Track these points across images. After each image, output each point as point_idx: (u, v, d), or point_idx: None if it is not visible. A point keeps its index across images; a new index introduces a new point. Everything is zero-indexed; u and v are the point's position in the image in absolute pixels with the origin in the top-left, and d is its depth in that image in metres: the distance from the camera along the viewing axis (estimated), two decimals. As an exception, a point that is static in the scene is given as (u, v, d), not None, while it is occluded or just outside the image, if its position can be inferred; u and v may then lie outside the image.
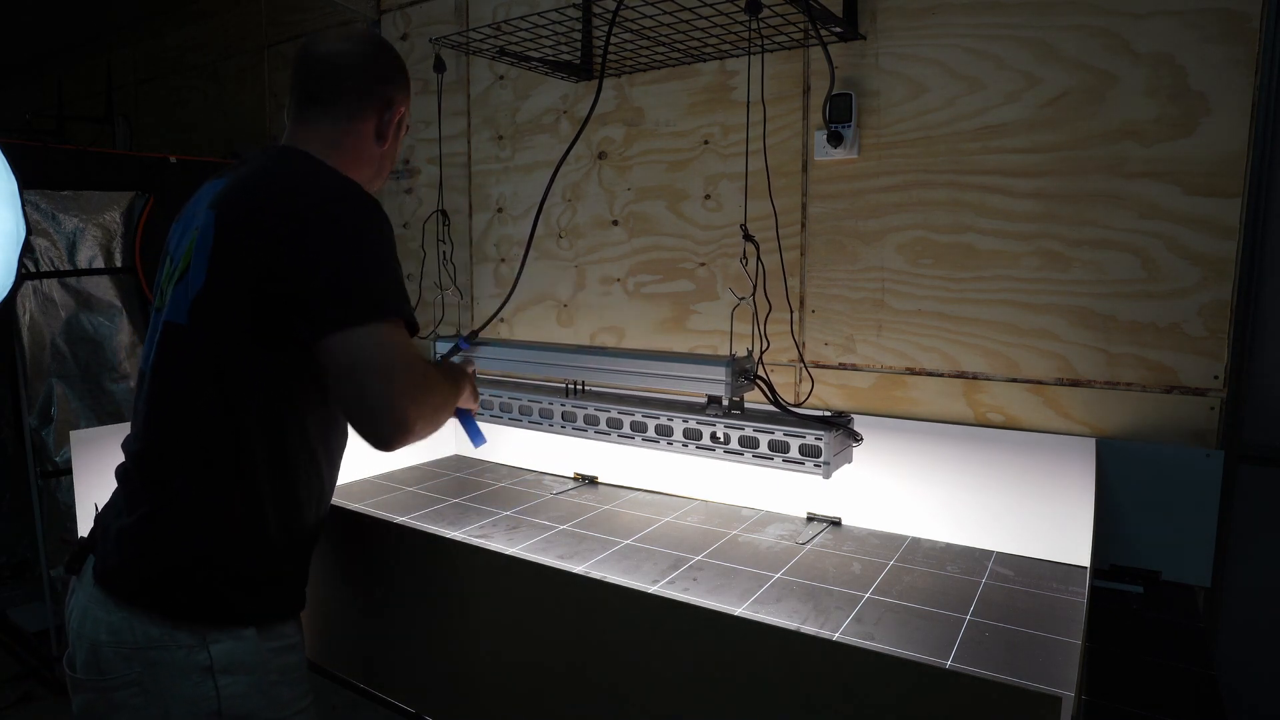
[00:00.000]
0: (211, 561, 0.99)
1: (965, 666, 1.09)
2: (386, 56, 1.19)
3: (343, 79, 1.14)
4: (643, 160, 2.04)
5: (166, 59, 3.63)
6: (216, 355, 0.99)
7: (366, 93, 1.15)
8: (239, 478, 1.00)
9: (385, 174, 1.26)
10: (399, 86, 1.19)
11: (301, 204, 0.99)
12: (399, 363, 0.94)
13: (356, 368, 0.93)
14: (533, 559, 1.13)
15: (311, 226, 0.97)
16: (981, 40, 1.57)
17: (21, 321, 2.32)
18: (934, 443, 1.62)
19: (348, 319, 0.94)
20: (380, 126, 1.18)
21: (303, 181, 1.03)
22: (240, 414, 0.99)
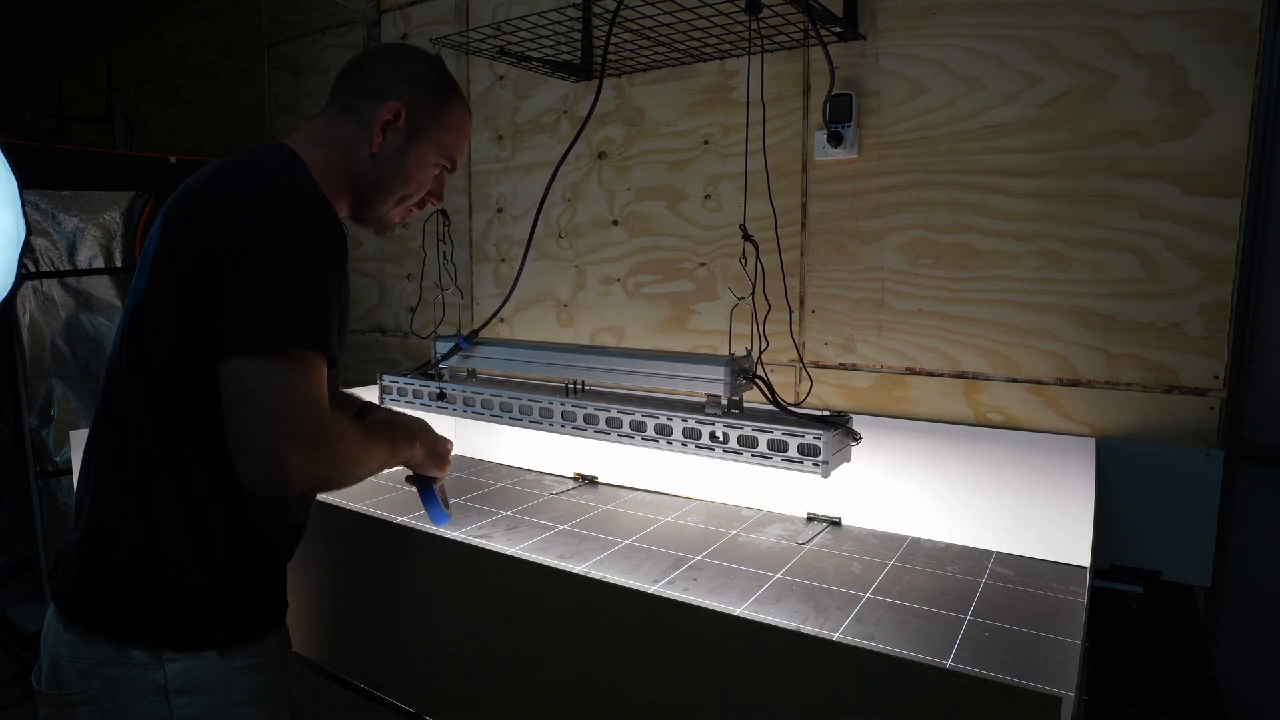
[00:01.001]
0: (159, 585, 0.93)
1: (965, 666, 1.09)
2: (404, 57, 1.10)
3: (350, 76, 1.09)
4: (643, 160, 2.04)
5: (166, 59, 3.63)
6: (152, 365, 0.93)
7: (362, 86, 1.08)
8: (181, 498, 0.93)
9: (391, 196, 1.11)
10: (401, 84, 1.07)
11: (229, 211, 0.91)
12: (286, 402, 0.85)
13: (237, 400, 0.85)
14: (533, 559, 1.13)
15: (230, 236, 0.89)
16: (981, 40, 1.57)
17: (21, 321, 2.32)
18: (934, 443, 1.62)
19: (241, 346, 0.85)
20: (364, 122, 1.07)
21: (241, 184, 0.94)
22: (177, 432, 0.93)
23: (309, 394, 0.87)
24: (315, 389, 0.88)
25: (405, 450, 1.14)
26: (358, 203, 1.11)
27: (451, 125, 1.12)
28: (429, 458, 1.19)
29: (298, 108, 2.94)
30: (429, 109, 1.09)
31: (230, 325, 0.86)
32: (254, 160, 0.98)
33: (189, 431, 0.93)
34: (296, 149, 1.03)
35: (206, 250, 0.89)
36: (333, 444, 0.89)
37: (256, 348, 0.85)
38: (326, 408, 0.89)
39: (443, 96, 1.11)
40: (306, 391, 0.86)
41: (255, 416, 0.84)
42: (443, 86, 1.11)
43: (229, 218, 0.90)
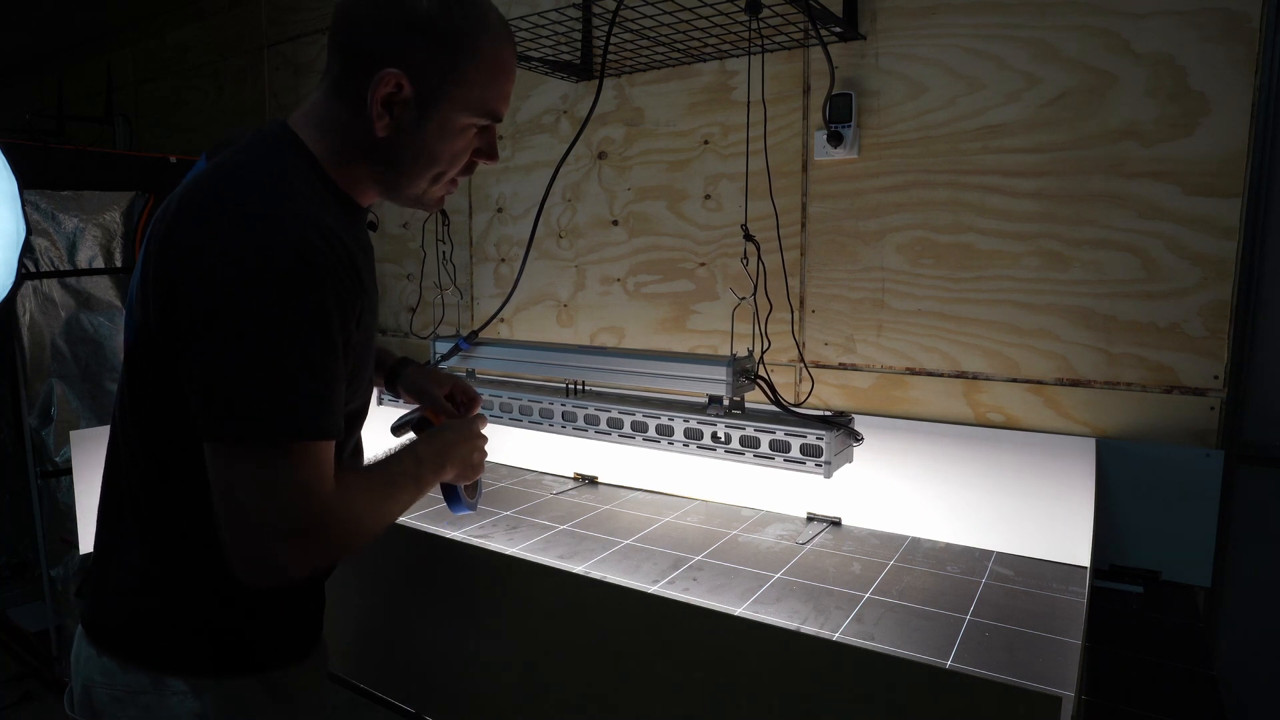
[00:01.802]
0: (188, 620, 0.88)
1: (965, 666, 1.09)
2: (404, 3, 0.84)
3: (334, 31, 0.88)
4: (643, 160, 2.04)
5: (166, 59, 3.62)
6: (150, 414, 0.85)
7: (349, 49, 0.86)
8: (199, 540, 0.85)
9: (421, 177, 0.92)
10: (397, 39, 0.84)
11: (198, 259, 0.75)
12: (272, 499, 0.74)
13: (219, 492, 0.75)
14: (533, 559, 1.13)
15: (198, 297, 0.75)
16: (981, 40, 1.57)
17: (21, 321, 2.32)
18: (934, 443, 1.62)
19: (215, 433, 0.74)
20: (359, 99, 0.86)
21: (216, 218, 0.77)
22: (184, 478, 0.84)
23: (300, 486, 0.75)
24: (308, 478, 0.75)
25: (434, 482, 0.99)
26: (384, 187, 0.94)
27: (480, 75, 0.87)
28: (463, 473, 1.04)
29: (298, 108, 2.93)
30: (442, 63, 0.85)
31: (203, 408, 0.75)
32: (239, 171, 0.82)
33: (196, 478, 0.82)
34: (301, 132, 0.89)
35: (175, 306, 0.77)
36: (332, 533, 0.78)
37: (231, 437, 0.74)
38: (325, 494, 0.77)
39: (460, 41, 0.85)
40: (296, 484, 0.75)
41: (238, 513, 0.74)
42: (458, 26, 0.85)
43: (198, 269, 0.75)
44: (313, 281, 0.76)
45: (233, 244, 0.75)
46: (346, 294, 0.80)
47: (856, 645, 1.01)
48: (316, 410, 0.76)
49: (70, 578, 2.40)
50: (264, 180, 0.81)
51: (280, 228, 0.76)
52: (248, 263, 0.74)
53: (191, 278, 0.75)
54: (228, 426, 0.74)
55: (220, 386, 0.74)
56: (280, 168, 0.84)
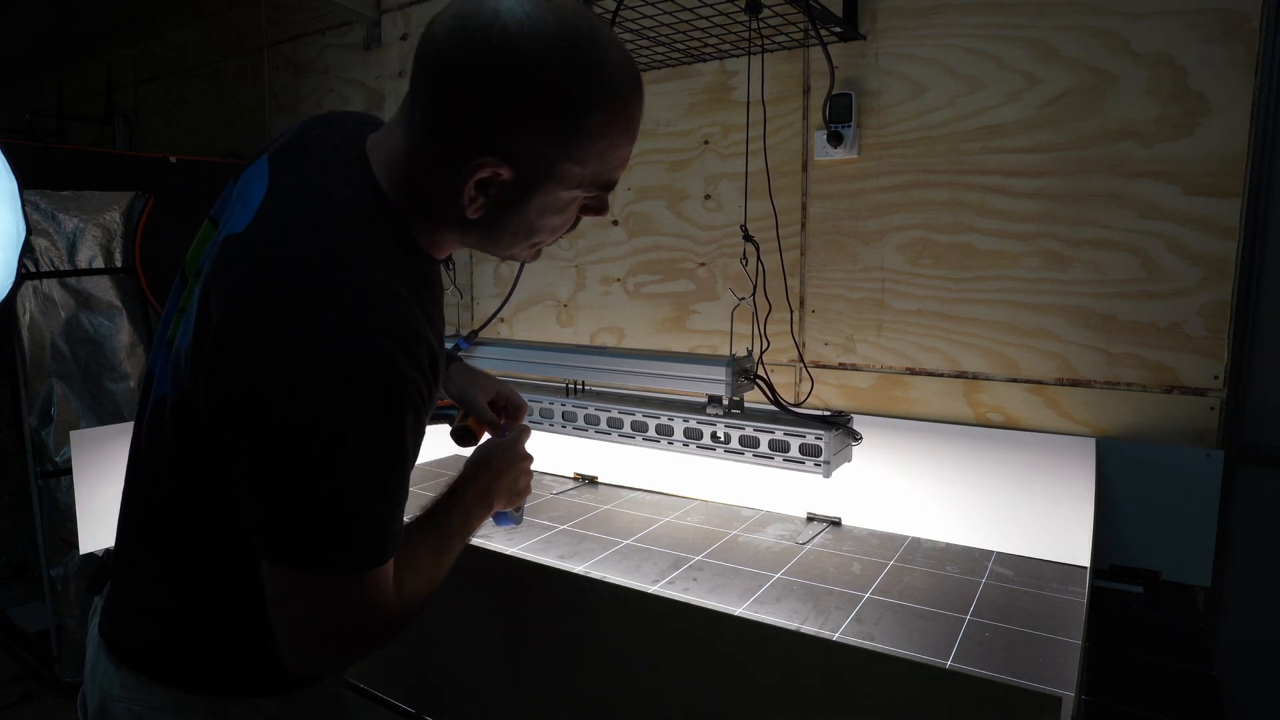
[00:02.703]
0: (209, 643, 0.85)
1: (965, 666, 1.09)
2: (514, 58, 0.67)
3: (422, 71, 0.71)
4: (643, 160, 2.04)
5: (166, 59, 3.62)
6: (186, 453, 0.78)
7: (440, 112, 0.71)
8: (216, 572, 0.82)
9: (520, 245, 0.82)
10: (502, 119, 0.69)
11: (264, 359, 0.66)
12: (333, 620, 0.71)
13: (276, 605, 0.71)
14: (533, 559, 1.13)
15: (272, 407, 0.66)
16: (981, 40, 1.57)
17: (21, 321, 2.32)
18: (934, 443, 1.62)
19: (274, 554, 0.70)
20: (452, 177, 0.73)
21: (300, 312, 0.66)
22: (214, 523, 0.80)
23: (361, 609, 0.71)
24: (370, 602, 0.71)
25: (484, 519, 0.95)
26: (475, 248, 0.85)
27: (598, 147, 0.73)
28: (510, 501, 1.00)
29: (298, 108, 2.94)
30: (551, 141, 0.71)
31: (261, 524, 0.69)
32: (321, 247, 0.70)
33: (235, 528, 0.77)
34: (382, 178, 0.76)
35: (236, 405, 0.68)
36: (392, 634, 0.75)
37: (292, 563, 0.69)
38: (384, 607, 0.73)
39: (576, 117, 0.70)
40: (357, 608, 0.71)
41: (296, 626, 0.71)
42: (574, 99, 0.70)
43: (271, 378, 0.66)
44: (394, 408, 0.69)
45: (313, 360, 0.65)
46: (425, 402, 0.73)
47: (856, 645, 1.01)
48: (383, 535, 0.72)
49: (70, 577, 2.40)
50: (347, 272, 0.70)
51: (366, 348, 0.67)
52: (327, 386, 0.65)
53: (263, 385, 0.66)
54: (287, 552, 0.69)
55: (282, 510, 0.68)
56: (365, 241, 0.73)
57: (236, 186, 0.84)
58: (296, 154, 0.80)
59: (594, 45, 0.70)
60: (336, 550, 0.69)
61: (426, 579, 0.82)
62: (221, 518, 0.78)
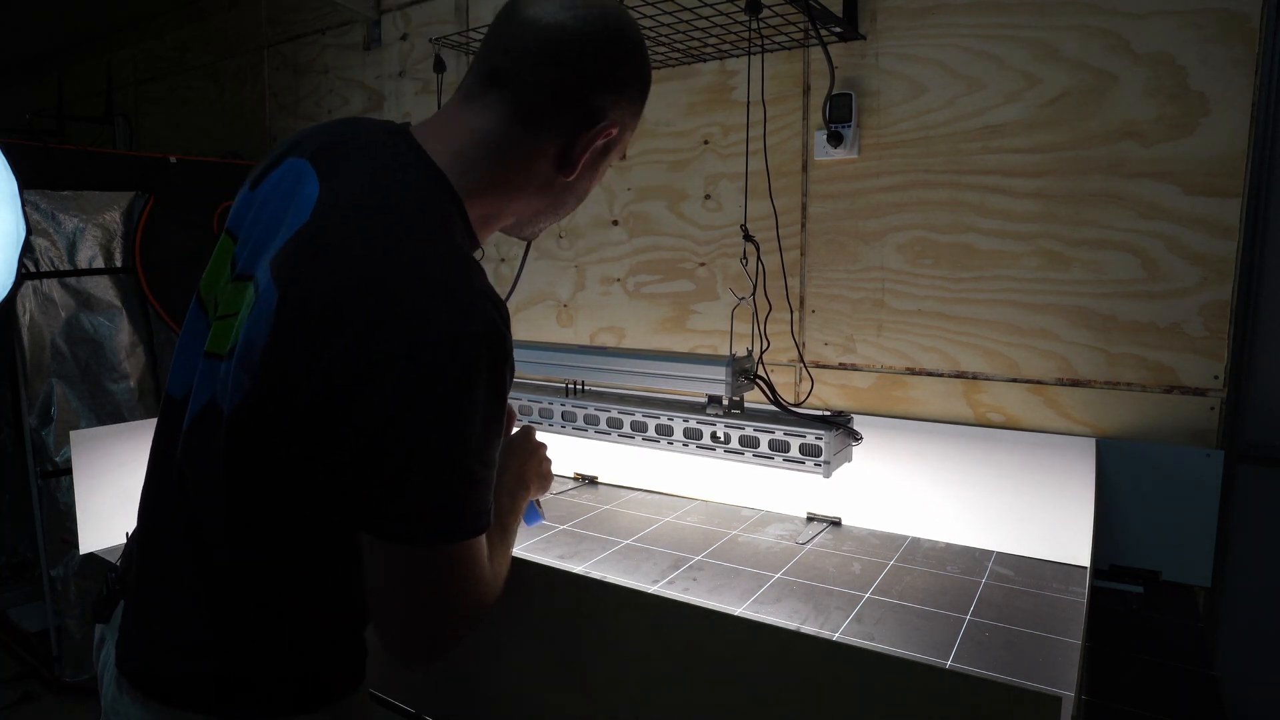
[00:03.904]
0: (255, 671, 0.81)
1: (965, 666, 1.09)
2: (622, 51, 0.83)
3: (545, 58, 0.80)
4: (643, 160, 2.04)
5: (166, 59, 3.62)
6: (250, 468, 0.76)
7: (562, 86, 0.80)
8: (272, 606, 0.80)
9: (565, 210, 0.92)
10: (620, 94, 0.83)
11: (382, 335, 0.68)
12: (447, 595, 0.74)
13: (390, 588, 0.74)
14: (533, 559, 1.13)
15: (379, 385, 0.68)
16: (981, 40, 1.57)
17: (21, 321, 2.32)
18: (934, 443, 1.62)
19: (397, 535, 0.71)
20: (568, 148, 0.83)
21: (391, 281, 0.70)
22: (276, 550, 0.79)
23: (473, 580, 0.75)
24: (479, 571, 0.76)
25: (524, 506, 1.02)
26: (521, 222, 0.91)
27: (636, 122, 0.91)
28: (539, 488, 1.07)
29: (298, 108, 2.94)
30: (630, 115, 0.87)
31: (381, 505, 0.71)
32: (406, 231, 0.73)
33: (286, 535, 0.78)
34: (450, 169, 0.79)
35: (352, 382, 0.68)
36: (488, 609, 0.80)
37: (427, 539, 0.71)
38: (487, 579, 0.77)
39: (645, 95, 0.88)
40: (471, 579, 0.75)
41: (412, 608, 0.74)
42: (648, 81, 0.88)
43: (383, 354, 0.68)
44: (506, 365, 0.72)
45: (425, 344, 0.68)
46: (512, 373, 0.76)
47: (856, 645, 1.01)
48: (490, 499, 0.75)
49: (70, 577, 2.40)
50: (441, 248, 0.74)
51: (476, 309, 0.70)
52: (445, 361, 0.68)
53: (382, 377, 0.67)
54: (416, 530, 0.71)
55: (410, 487, 0.70)
56: (444, 216, 0.77)
57: (259, 195, 0.84)
58: (341, 151, 0.81)
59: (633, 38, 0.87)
60: (458, 523, 0.71)
61: (502, 558, 0.84)
62: (285, 524, 0.77)
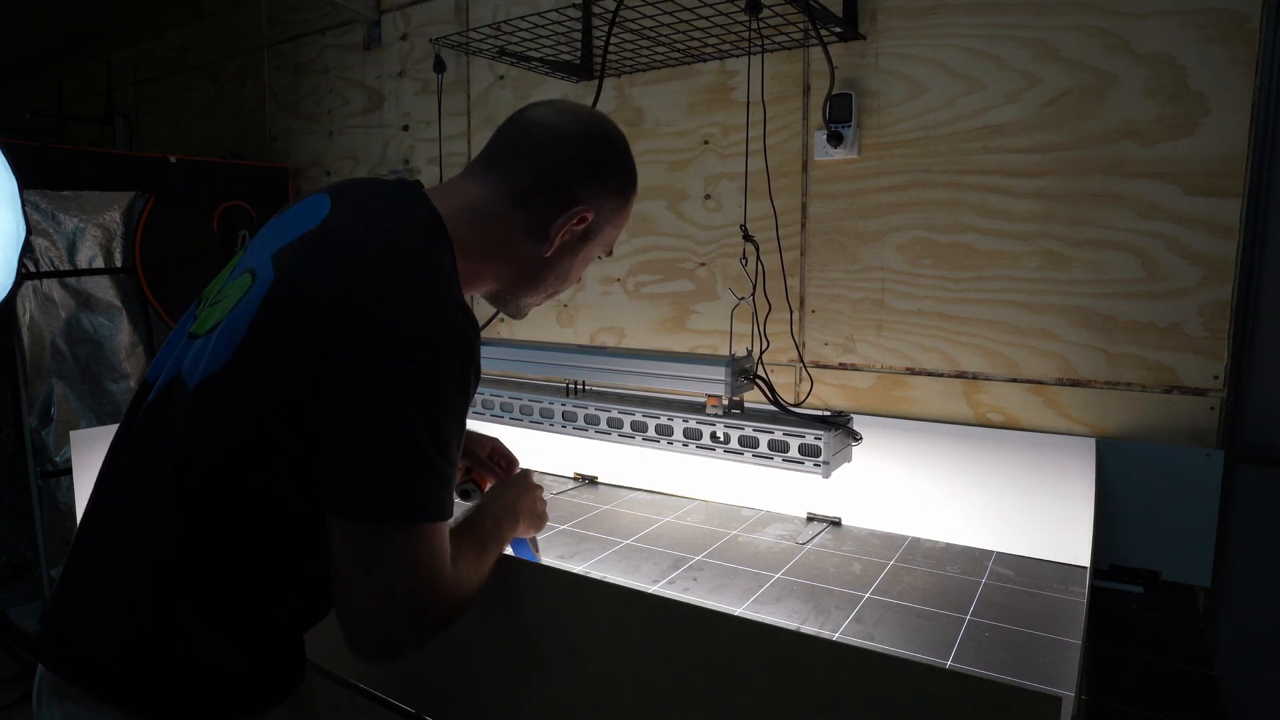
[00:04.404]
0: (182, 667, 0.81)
1: (965, 666, 1.09)
2: (604, 149, 0.95)
3: (532, 146, 0.92)
4: (643, 160, 2.04)
5: (166, 59, 3.62)
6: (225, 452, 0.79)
7: (547, 171, 0.91)
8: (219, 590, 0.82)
9: (542, 293, 1.00)
10: (599, 185, 0.94)
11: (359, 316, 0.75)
12: (408, 579, 0.76)
13: (351, 569, 0.75)
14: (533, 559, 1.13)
15: (356, 362, 0.74)
16: (981, 40, 1.57)
17: (21, 321, 2.32)
18: (934, 443, 1.62)
19: (367, 511, 0.75)
20: (545, 225, 0.92)
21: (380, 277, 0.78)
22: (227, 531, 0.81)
23: (431, 564, 0.77)
24: (435, 564, 0.78)
25: (511, 536, 1.04)
26: (504, 292, 0.99)
27: (623, 219, 1.00)
28: (530, 525, 1.09)
29: (298, 108, 2.94)
30: (613, 208, 0.97)
31: (349, 485, 0.75)
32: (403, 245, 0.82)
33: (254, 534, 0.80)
34: (446, 220, 0.87)
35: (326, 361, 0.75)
36: (449, 608, 0.81)
37: (372, 515, 0.74)
38: (447, 571, 0.79)
39: (627, 193, 0.98)
40: (428, 562, 0.76)
41: (368, 592, 0.75)
42: (629, 182, 0.98)
43: (363, 334, 0.75)
44: (472, 370, 0.80)
45: (415, 313, 0.76)
46: (478, 375, 0.83)
47: (856, 645, 1.01)
48: (448, 491, 0.79)
49: (70, 578, 2.40)
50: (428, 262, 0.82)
51: (448, 321, 0.78)
52: (421, 349, 0.75)
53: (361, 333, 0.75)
54: (373, 506, 0.74)
55: (371, 463, 0.74)
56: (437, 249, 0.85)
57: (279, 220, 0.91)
58: (358, 190, 0.91)
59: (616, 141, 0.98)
60: (415, 500, 0.75)
61: (471, 569, 0.87)
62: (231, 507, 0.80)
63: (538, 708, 1.07)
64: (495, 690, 1.12)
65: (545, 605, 1.04)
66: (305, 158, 2.92)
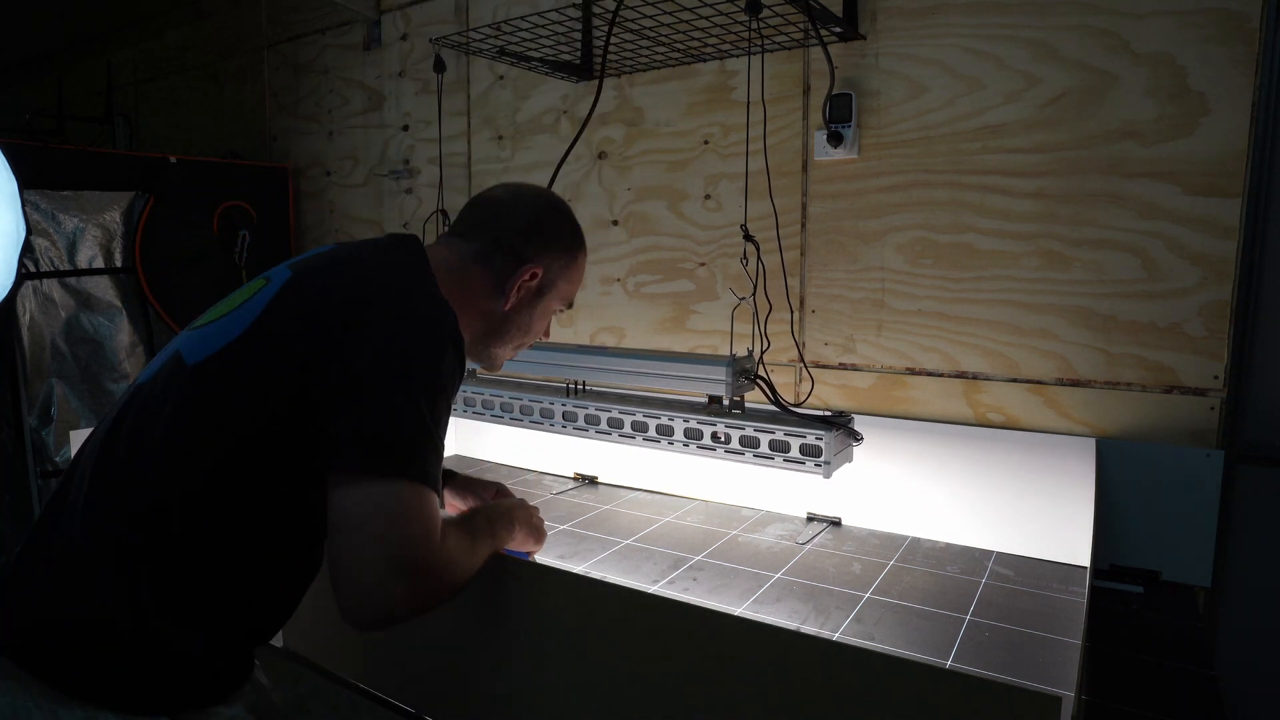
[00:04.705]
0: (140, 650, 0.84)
1: (965, 666, 1.09)
2: (547, 215, 1.11)
3: (488, 217, 1.10)
4: (643, 160, 2.04)
5: (166, 59, 3.62)
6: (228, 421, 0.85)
7: (501, 239, 1.07)
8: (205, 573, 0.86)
9: (509, 344, 1.13)
10: (541, 250, 1.09)
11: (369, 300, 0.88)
12: (407, 534, 0.80)
13: (348, 524, 0.79)
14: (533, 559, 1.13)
15: (366, 334, 0.85)
16: (981, 40, 1.57)
17: (21, 321, 2.32)
18: (934, 443, 1.62)
19: (368, 464, 0.80)
20: (502, 281, 1.07)
21: (386, 273, 0.94)
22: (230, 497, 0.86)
23: (424, 524, 0.82)
24: (429, 520, 0.83)
25: (505, 540, 1.10)
26: (474, 343, 1.11)
27: (576, 275, 1.16)
28: (529, 537, 1.16)
29: (298, 108, 2.94)
30: (562, 266, 1.12)
31: (348, 440, 0.81)
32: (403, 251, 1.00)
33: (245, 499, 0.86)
34: (435, 270, 1.00)
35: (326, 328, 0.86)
36: (440, 577, 0.85)
37: (377, 469, 0.80)
38: (437, 538, 0.84)
39: (574, 253, 1.14)
40: (421, 522, 0.81)
41: (365, 546, 0.79)
42: (575, 243, 1.14)
43: (373, 313, 0.87)
44: (458, 361, 0.91)
45: (414, 304, 0.90)
46: (462, 366, 0.94)
47: (856, 645, 1.01)
48: (438, 466, 0.87)
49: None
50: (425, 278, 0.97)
51: (443, 314, 0.91)
52: (426, 322, 0.89)
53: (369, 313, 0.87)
54: (376, 461, 0.80)
55: (374, 422, 0.82)
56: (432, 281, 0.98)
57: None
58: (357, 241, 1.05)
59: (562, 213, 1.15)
60: (413, 461, 0.82)
61: (461, 554, 0.91)
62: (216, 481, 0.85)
63: (537, 708, 1.07)
64: (495, 690, 1.12)
65: (545, 605, 1.04)
66: (305, 158, 2.92)
